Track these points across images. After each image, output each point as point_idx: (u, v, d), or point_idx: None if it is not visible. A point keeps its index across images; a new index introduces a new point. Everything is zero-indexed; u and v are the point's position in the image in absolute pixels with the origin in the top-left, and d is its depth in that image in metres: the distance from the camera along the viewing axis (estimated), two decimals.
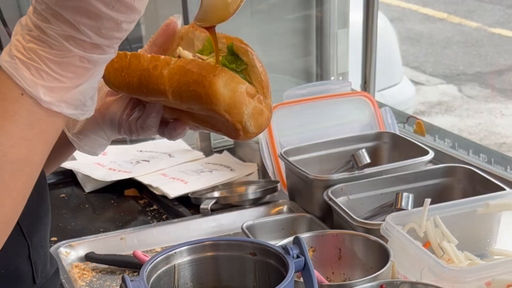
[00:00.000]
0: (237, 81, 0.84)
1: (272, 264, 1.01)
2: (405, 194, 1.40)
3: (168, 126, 0.99)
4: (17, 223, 0.82)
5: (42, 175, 0.99)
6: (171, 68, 0.88)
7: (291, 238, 1.25)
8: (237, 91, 0.84)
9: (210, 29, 0.89)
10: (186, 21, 1.89)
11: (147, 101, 0.99)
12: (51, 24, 0.68)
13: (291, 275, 0.94)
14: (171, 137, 0.99)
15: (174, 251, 1.02)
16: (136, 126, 0.99)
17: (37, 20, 0.69)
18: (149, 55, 0.91)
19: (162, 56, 0.91)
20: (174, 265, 1.02)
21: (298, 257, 0.98)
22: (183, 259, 1.03)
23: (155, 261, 0.99)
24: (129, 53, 0.93)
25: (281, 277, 0.95)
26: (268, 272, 1.02)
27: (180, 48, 0.94)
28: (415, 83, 5.50)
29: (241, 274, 1.05)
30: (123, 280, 0.92)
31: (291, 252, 0.98)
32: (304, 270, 0.99)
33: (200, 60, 0.89)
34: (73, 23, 0.67)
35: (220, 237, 1.38)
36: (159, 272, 1.01)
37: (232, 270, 1.04)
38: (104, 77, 0.92)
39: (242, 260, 1.04)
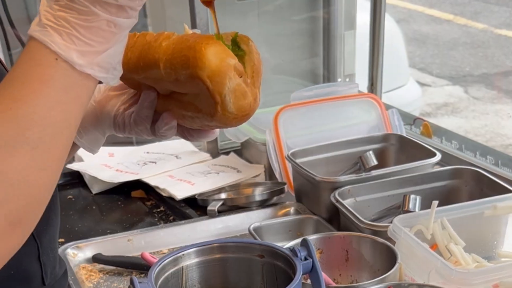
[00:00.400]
0: (228, 54, 0.85)
1: (280, 266, 1.01)
2: (412, 196, 1.40)
3: (158, 120, 0.98)
4: None
5: None
6: (170, 40, 0.88)
7: (298, 240, 1.25)
8: (225, 62, 0.84)
9: (210, 4, 0.90)
10: (193, 22, 1.89)
11: (142, 83, 0.97)
12: None
13: (299, 277, 0.94)
14: (159, 129, 0.97)
15: (182, 253, 1.02)
16: (129, 120, 1.00)
17: None
18: (155, 33, 0.92)
19: (166, 32, 0.91)
20: (182, 267, 1.02)
21: (306, 259, 0.98)
22: (191, 261, 1.03)
23: (163, 263, 1.00)
24: (138, 33, 0.93)
25: (289, 279, 0.95)
26: (276, 274, 1.03)
27: (185, 25, 0.96)
28: (421, 84, 5.50)
29: (248, 276, 1.05)
30: (132, 281, 0.92)
31: (299, 254, 0.98)
32: (312, 272, 0.99)
33: (199, 34, 0.89)
34: None
35: (227, 239, 1.38)
36: (167, 274, 1.01)
37: (240, 272, 1.05)
38: None
39: (250, 262, 1.04)
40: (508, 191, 1.44)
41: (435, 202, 1.32)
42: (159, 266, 0.99)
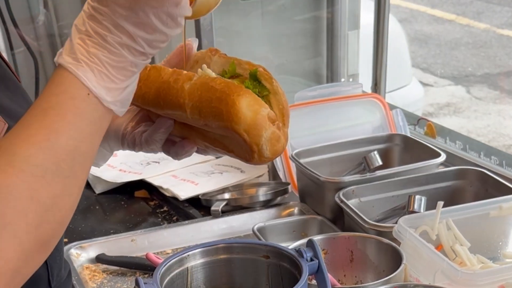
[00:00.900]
0: (260, 104, 0.86)
1: (286, 267, 1.01)
2: (417, 196, 1.40)
3: (176, 145, 1.00)
4: None
5: None
6: (193, 83, 0.90)
7: (303, 241, 1.25)
8: (259, 114, 0.85)
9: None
10: (197, 21, 1.89)
11: (159, 115, 0.99)
12: (111, 33, 0.77)
13: (305, 278, 0.94)
14: (177, 155, 1.01)
15: (187, 253, 1.02)
16: (140, 139, 1.02)
17: (97, 28, 0.77)
18: (170, 69, 0.94)
19: (185, 71, 0.92)
20: (187, 267, 1.02)
21: (311, 260, 0.98)
22: (196, 261, 1.03)
23: (168, 264, 0.99)
24: (149, 65, 0.94)
25: (295, 280, 0.95)
26: (282, 275, 1.02)
27: (204, 65, 0.95)
28: (424, 84, 5.49)
29: (254, 277, 1.04)
30: (137, 282, 0.92)
31: (304, 255, 0.98)
32: (318, 273, 0.98)
33: (224, 79, 0.90)
34: (131, 35, 0.77)
35: (233, 240, 1.37)
36: (172, 274, 1.00)
37: (246, 273, 1.04)
38: None
39: (256, 262, 1.03)
40: None
41: (441, 203, 1.31)
42: (164, 267, 0.98)
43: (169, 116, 0.97)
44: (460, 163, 1.78)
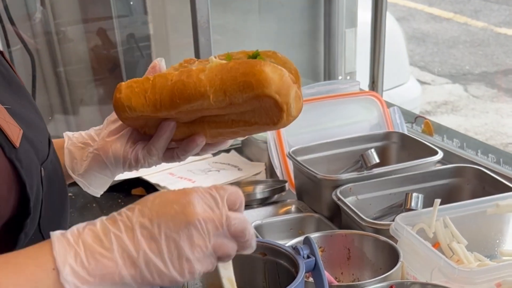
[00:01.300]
0: (281, 68, 0.95)
1: (282, 264, 1.01)
2: (414, 194, 1.40)
3: (184, 142, 1.05)
4: (40, 232, 0.92)
5: (63, 185, 1.01)
6: (208, 72, 0.96)
7: (300, 238, 1.25)
8: (284, 76, 0.94)
9: None
10: (194, 19, 1.88)
11: (155, 127, 1.05)
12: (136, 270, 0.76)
13: (301, 275, 0.94)
14: (186, 152, 1.06)
15: None
16: (142, 155, 1.07)
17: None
18: (175, 72, 0.99)
19: (193, 68, 0.99)
20: None
21: (308, 257, 0.98)
22: None
23: None
24: (151, 76, 1.00)
25: (291, 277, 0.95)
26: (278, 272, 1.02)
27: (212, 57, 1.03)
28: (421, 82, 5.49)
29: (251, 274, 1.04)
30: None
31: (301, 253, 0.98)
32: (315, 270, 0.98)
33: (237, 60, 0.99)
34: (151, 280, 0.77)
35: None
36: None
37: (242, 269, 1.03)
38: (122, 105, 1.00)
39: (252, 260, 1.03)
40: (510, 189, 1.44)
41: (438, 201, 1.31)
42: None
43: (174, 116, 1.02)
44: (457, 161, 1.78)
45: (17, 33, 2.20)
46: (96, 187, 1.16)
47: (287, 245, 1.04)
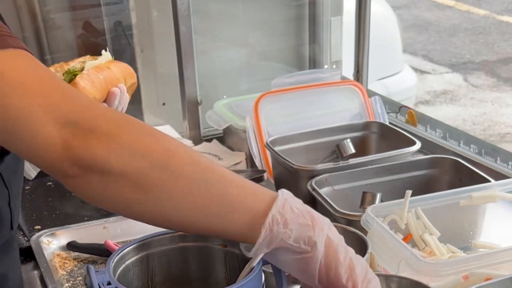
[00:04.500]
0: None
1: (242, 256, 1.00)
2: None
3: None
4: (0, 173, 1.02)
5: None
6: None
7: None
8: None
9: None
10: (175, 6, 1.86)
11: None
12: None
13: (259, 265, 0.93)
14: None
15: (143, 241, 1.01)
16: None
17: None
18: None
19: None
20: (143, 255, 1.01)
21: None
22: (152, 250, 1.02)
23: (122, 252, 0.98)
24: None
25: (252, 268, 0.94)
26: (239, 263, 1.01)
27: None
28: (421, 71, 5.47)
29: (211, 265, 1.04)
30: (88, 270, 0.91)
31: None
32: None
33: None
34: None
35: None
36: (127, 262, 1.00)
37: (202, 261, 1.03)
38: None
39: (212, 251, 1.03)
40: (487, 181, 1.43)
41: (409, 192, 1.30)
42: (118, 255, 0.97)
43: None
44: (440, 152, 1.76)
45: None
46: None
47: None
